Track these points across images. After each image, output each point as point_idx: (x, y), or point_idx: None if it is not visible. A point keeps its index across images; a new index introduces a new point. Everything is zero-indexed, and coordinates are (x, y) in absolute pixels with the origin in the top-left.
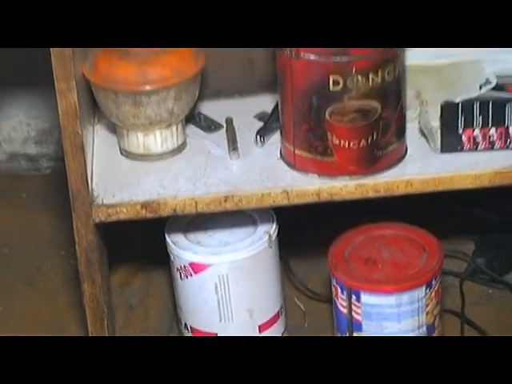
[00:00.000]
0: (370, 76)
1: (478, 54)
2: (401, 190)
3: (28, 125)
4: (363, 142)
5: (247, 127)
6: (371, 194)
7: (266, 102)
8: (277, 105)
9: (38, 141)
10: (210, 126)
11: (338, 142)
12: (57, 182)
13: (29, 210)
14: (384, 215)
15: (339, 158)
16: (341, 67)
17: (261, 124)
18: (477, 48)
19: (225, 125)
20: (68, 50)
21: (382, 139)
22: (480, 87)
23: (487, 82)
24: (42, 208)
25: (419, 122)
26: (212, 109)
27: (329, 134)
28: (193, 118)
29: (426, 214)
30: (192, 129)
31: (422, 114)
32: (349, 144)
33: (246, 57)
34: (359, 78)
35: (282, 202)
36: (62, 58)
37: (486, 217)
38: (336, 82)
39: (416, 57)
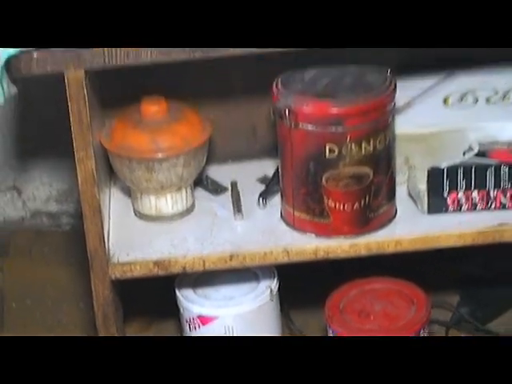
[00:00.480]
0: (363, 145)
1: (461, 122)
2: (391, 249)
3: (50, 185)
4: (357, 205)
5: (250, 190)
6: (364, 253)
7: (267, 167)
8: (277, 169)
9: (59, 200)
10: (216, 189)
11: (333, 205)
12: (76, 238)
13: (50, 264)
14: (375, 270)
15: (335, 220)
16: (336, 137)
17: (263, 187)
18: (460, 118)
19: (230, 188)
20: (86, 122)
21: (373, 202)
22: (463, 153)
23: (470, 148)
24: (63, 262)
25: (408, 186)
26: (218, 173)
27: (325, 197)
28: (201, 181)
29: (415, 269)
30: (200, 192)
31: (410, 179)
32: (343, 207)
33: (249, 125)
34: (353, 146)
35: (283, 259)
36: (81, 130)
37: (469, 271)
38: (332, 150)
39: (405, 126)
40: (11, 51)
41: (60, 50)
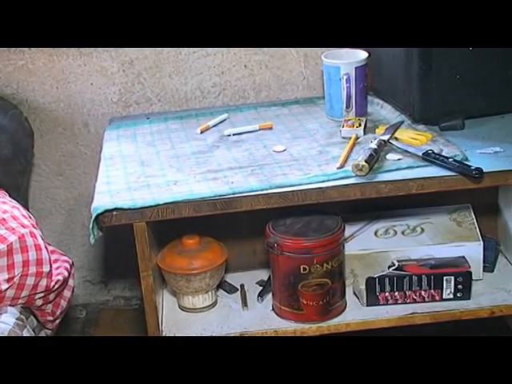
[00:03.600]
0: (324, 265)
1: (386, 247)
2: (343, 330)
3: (125, 279)
4: (321, 302)
5: (253, 290)
6: (326, 332)
7: (263, 275)
8: (269, 277)
9: (131, 288)
10: (231, 289)
11: (306, 302)
12: (142, 315)
13: (124, 333)
14: None
15: (307, 312)
16: (307, 261)
17: (260, 288)
18: (386, 244)
19: (239, 289)
20: (147, 254)
21: (331, 300)
22: (388, 268)
23: (392, 264)
24: (133, 331)
25: (353, 287)
26: (232, 278)
27: (300, 297)
28: (221, 285)
29: None
30: (220, 292)
31: (354, 283)
32: (312, 303)
33: (251, 249)
34: (318, 266)
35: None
36: (143, 258)
37: None
38: (304, 269)
39: (351, 249)
40: (99, 211)
41: (130, 210)
